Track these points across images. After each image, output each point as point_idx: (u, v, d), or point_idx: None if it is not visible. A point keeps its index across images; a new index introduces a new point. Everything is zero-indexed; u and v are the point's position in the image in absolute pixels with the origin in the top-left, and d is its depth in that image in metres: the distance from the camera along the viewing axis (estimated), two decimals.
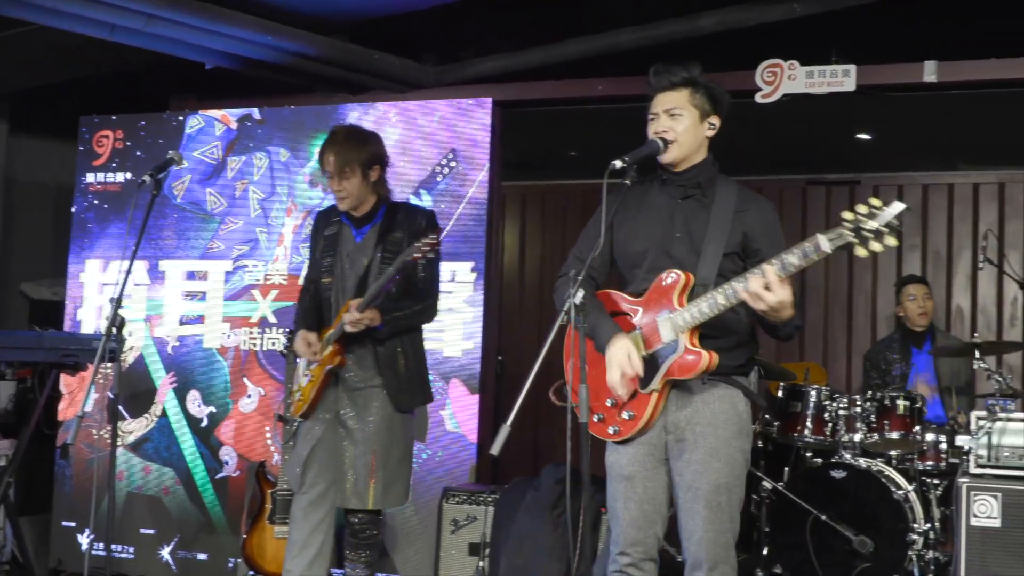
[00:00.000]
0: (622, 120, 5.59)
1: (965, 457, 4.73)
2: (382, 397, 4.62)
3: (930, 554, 5.52)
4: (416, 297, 4.68)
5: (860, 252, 3.16)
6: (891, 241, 3.12)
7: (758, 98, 5.89)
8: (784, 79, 5.91)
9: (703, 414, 3.62)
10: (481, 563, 5.65)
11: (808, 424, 5.81)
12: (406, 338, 4.69)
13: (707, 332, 3.57)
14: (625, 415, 3.66)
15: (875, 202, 3.14)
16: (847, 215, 3.17)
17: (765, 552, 5.66)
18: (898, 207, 3.11)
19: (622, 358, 3.58)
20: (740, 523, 3.69)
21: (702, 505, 3.57)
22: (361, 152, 4.65)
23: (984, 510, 4.58)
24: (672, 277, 3.61)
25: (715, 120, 3.73)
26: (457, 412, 6.31)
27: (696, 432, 3.61)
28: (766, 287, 3.32)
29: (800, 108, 6.16)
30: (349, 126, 4.91)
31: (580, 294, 3.40)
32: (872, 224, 3.12)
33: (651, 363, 3.61)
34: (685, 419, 3.63)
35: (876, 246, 3.13)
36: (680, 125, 3.68)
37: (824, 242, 3.20)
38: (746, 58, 5.92)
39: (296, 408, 4.74)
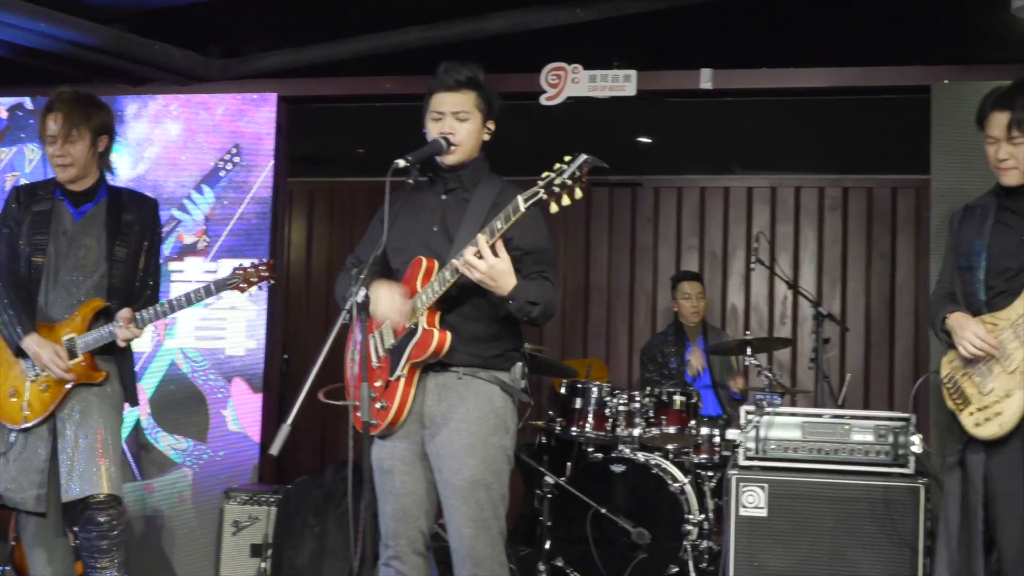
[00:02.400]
0: (409, 118, 5.59)
1: (736, 450, 4.91)
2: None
3: (704, 544, 5.73)
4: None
5: (553, 208, 3.32)
6: (578, 193, 3.30)
7: (542, 100, 5.98)
8: (568, 82, 6.02)
9: (459, 409, 3.63)
10: (263, 564, 5.58)
11: (589, 420, 5.93)
12: None
13: (459, 323, 3.61)
14: (379, 405, 3.64)
15: (566, 158, 3.30)
16: (544, 174, 3.32)
17: (547, 546, 5.76)
18: (580, 159, 3.29)
19: (386, 292, 3.60)
20: (525, 518, 3.74)
21: (460, 501, 3.59)
22: (92, 117, 4.34)
23: (752, 500, 4.77)
24: (420, 264, 3.64)
25: (491, 125, 3.80)
26: (239, 411, 6.21)
27: (451, 427, 3.62)
28: (477, 255, 3.39)
29: (582, 111, 6.29)
30: (77, 90, 4.48)
31: (363, 293, 3.39)
32: (559, 180, 3.28)
33: (399, 351, 3.63)
34: (441, 414, 3.64)
35: (566, 200, 3.30)
36: (465, 129, 3.73)
37: (520, 201, 3.34)
38: (531, 61, 6.01)
39: (20, 418, 4.30)
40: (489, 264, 3.40)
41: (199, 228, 6.35)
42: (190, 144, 6.39)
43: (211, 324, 6.26)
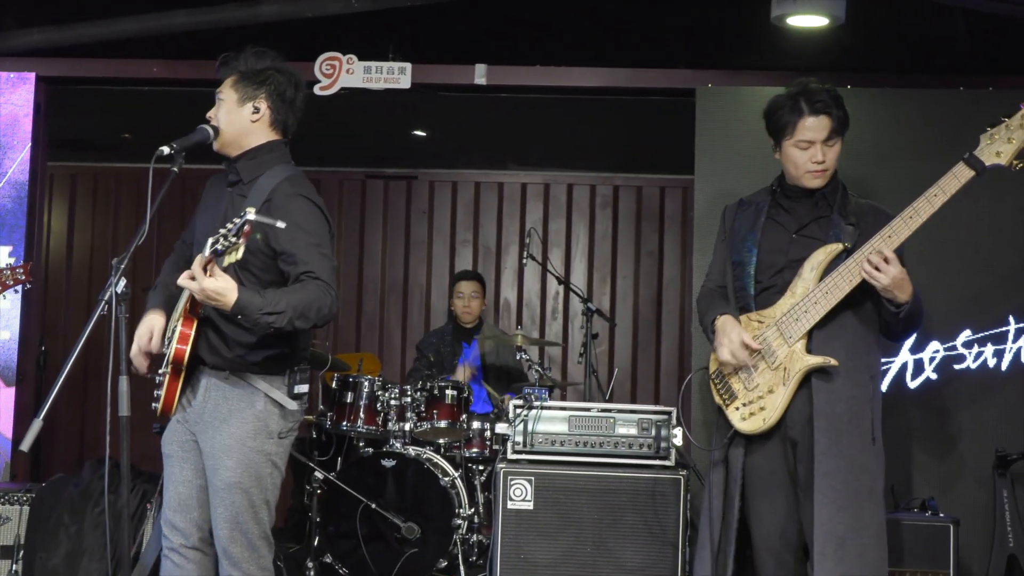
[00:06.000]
0: (179, 103, 5.45)
1: (504, 444, 4.95)
2: None
3: (474, 537, 5.78)
4: None
5: (226, 260, 3.29)
6: (239, 254, 3.27)
7: (316, 90, 5.90)
8: (343, 73, 5.95)
9: (222, 410, 3.59)
10: (15, 566, 5.33)
11: (361, 414, 5.89)
12: None
13: (225, 326, 3.57)
14: (156, 394, 3.62)
15: (245, 211, 3.26)
16: (226, 224, 3.29)
17: (316, 542, 5.70)
18: (244, 218, 3.24)
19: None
20: (295, 514, 3.70)
21: (218, 502, 3.58)
22: None
23: (519, 493, 4.82)
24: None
25: (260, 104, 3.68)
26: None
27: (214, 428, 3.59)
28: (191, 277, 3.34)
29: (359, 102, 6.23)
30: None
31: (122, 284, 3.34)
32: (230, 236, 3.25)
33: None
34: (208, 412, 3.61)
35: (232, 257, 3.28)
36: (219, 112, 3.67)
37: (208, 245, 3.31)
38: (307, 49, 5.92)
39: None
40: (201, 286, 3.32)
41: None
42: None
43: None
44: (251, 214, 3.20)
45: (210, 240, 3.27)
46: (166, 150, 3.47)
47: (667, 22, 5.90)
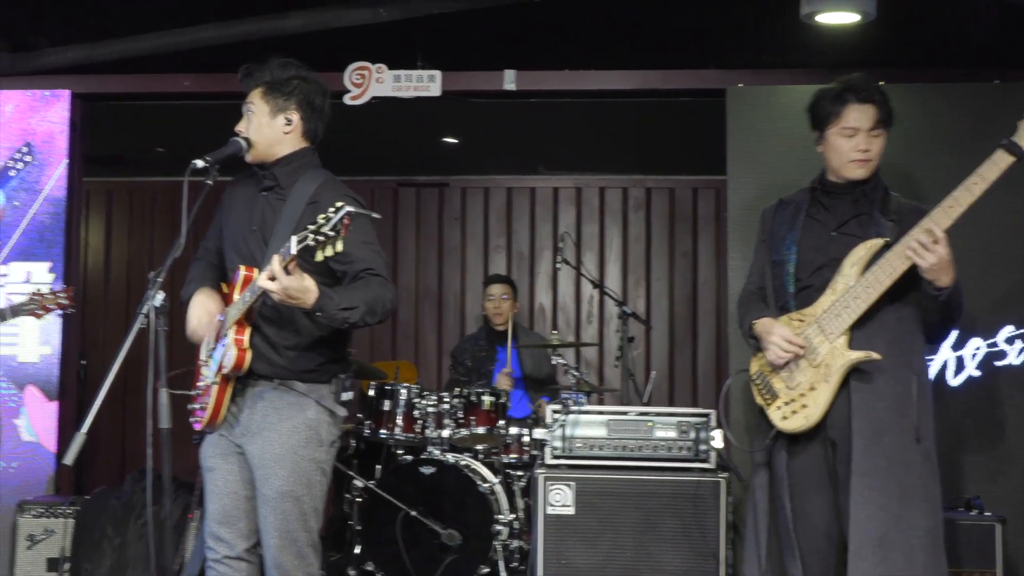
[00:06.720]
0: (210, 116, 5.47)
1: (543, 449, 4.95)
2: None
3: (514, 543, 5.76)
4: None
5: (318, 256, 3.25)
6: (339, 246, 3.22)
7: (347, 100, 5.92)
8: (372, 82, 5.96)
9: (271, 420, 3.60)
10: None
11: (398, 421, 5.90)
12: None
13: (274, 334, 3.59)
14: (198, 405, 3.64)
15: (337, 204, 3.21)
16: (317, 219, 3.23)
17: (357, 550, 5.71)
18: (342, 211, 3.19)
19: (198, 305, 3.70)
20: (335, 521, 3.71)
21: (268, 511, 3.58)
22: None
23: (559, 499, 4.82)
24: (239, 273, 3.61)
25: (292, 116, 3.70)
26: (34, 420, 5.97)
27: (264, 437, 3.60)
28: (271, 277, 3.32)
29: (388, 111, 6.25)
30: None
31: (160, 297, 3.36)
32: (325, 229, 3.21)
33: (215, 359, 3.63)
34: (256, 423, 3.61)
35: (329, 250, 3.23)
36: (251, 124, 3.68)
37: (293, 243, 3.26)
38: (335, 60, 5.94)
39: None
40: (284, 285, 3.32)
41: None
42: None
43: (2, 330, 5.96)
44: (348, 207, 3.18)
45: (294, 239, 3.23)
46: (199, 163, 3.49)
47: (694, 23, 5.88)
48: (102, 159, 7.91)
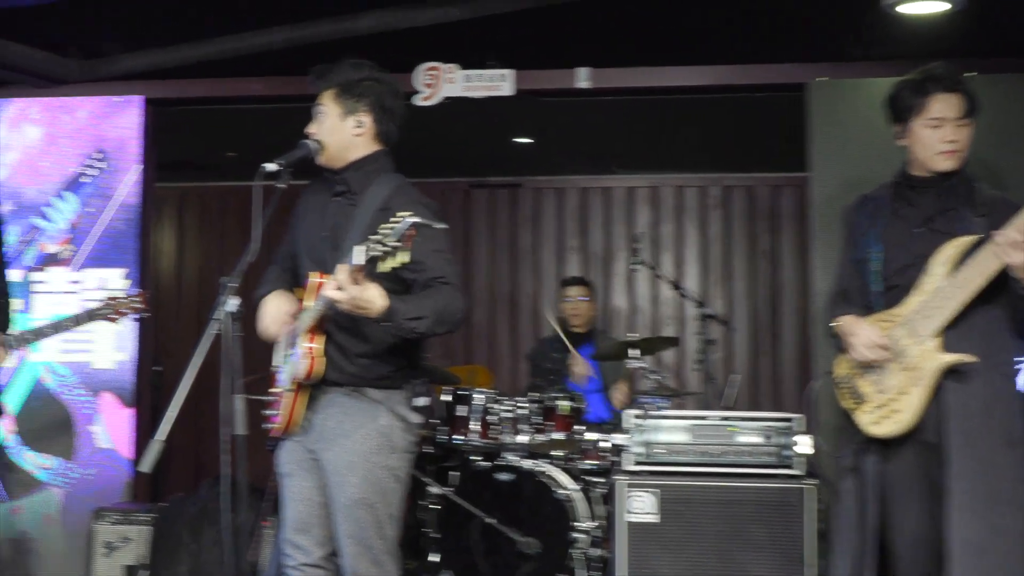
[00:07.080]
0: (280, 120, 5.43)
1: (622, 455, 4.85)
2: None
3: (595, 551, 5.65)
4: None
5: (383, 266, 3.18)
6: (403, 257, 3.15)
7: (417, 101, 5.86)
8: (443, 82, 5.90)
9: (344, 426, 3.57)
10: None
11: (474, 427, 5.82)
12: None
13: (346, 341, 3.56)
14: (272, 412, 3.64)
15: (400, 214, 3.14)
16: (381, 229, 3.16)
17: (435, 558, 5.63)
18: (406, 222, 3.12)
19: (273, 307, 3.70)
20: (410, 529, 3.67)
21: (343, 518, 3.56)
22: None
23: (641, 506, 4.71)
24: (311, 280, 3.58)
25: (364, 118, 3.64)
26: (110, 427, 6.00)
27: (338, 444, 3.57)
28: (339, 287, 3.27)
29: (459, 111, 6.18)
30: None
31: (235, 302, 3.34)
32: (390, 240, 3.14)
33: (288, 366, 3.61)
34: (330, 429, 3.59)
35: (393, 261, 3.17)
36: (322, 126, 3.64)
37: (357, 254, 3.19)
38: (405, 60, 5.89)
39: None
40: (351, 295, 3.27)
41: (63, 237, 6.12)
42: (51, 149, 6.16)
43: (78, 337, 6.00)
44: (412, 218, 3.13)
45: (358, 249, 3.19)
46: (270, 167, 3.46)
47: (773, 16, 5.74)
48: (173, 164, 7.95)
